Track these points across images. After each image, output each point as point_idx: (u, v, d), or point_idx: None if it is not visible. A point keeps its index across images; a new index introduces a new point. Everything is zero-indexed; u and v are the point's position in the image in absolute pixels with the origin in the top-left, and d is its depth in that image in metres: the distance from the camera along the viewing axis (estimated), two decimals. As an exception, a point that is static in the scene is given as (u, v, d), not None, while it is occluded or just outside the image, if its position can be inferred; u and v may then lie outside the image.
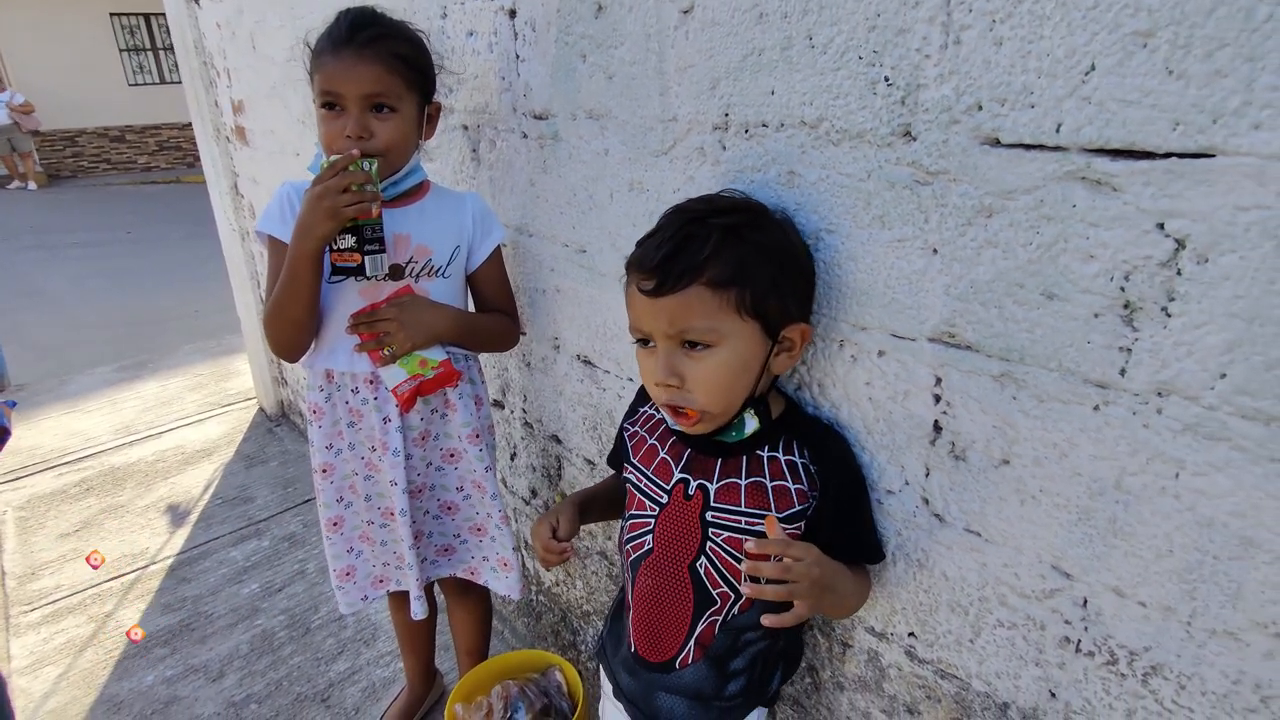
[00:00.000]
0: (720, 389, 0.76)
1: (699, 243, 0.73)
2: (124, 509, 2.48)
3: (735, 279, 0.72)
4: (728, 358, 0.75)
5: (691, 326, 0.74)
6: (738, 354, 0.75)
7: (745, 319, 0.74)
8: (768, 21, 0.79)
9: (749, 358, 0.76)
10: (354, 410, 1.18)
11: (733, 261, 0.72)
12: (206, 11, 2.41)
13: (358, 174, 0.99)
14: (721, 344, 0.74)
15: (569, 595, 1.56)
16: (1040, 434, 0.68)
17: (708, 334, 0.74)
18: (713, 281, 0.72)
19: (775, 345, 0.78)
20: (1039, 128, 0.62)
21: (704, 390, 0.76)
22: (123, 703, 1.71)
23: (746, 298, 0.73)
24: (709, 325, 0.73)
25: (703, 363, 0.75)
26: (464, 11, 1.25)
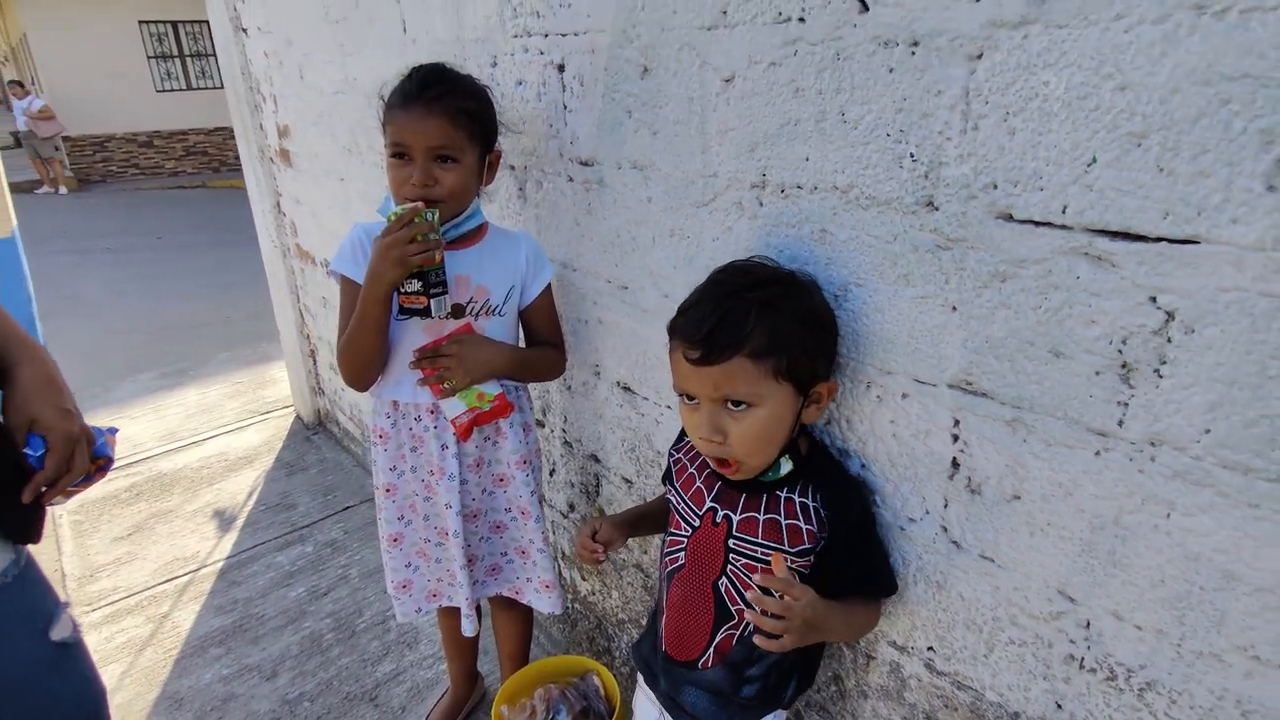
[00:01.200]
0: (759, 443, 0.86)
1: (739, 317, 0.82)
2: (173, 514, 2.61)
3: (772, 349, 0.82)
4: (766, 416, 0.84)
5: (735, 391, 0.83)
6: (774, 412, 0.85)
7: (781, 382, 0.83)
8: (803, 96, 0.88)
9: (784, 414, 0.86)
10: (416, 437, 1.28)
11: (770, 333, 0.82)
12: (254, 40, 2.53)
13: (422, 225, 1.09)
14: (761, 404, 0.84)
15: (604, 604, 1.66)
16: (1048, 474, 0.77)
17: (749, 397, 0.84)
18: (753, 353, 0.82)
19: (806, 400, 0.87)
20: (1047, 208, 0.70)
21: (744, 445, 0.86)
22: (183, 699, 1.82)
23: (783, 364, 0.83)
24: (750, 390, 0.83)
25: (743, 421, 0.85)
26: (513, 62, 1.34)
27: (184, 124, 13.72)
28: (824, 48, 0.84)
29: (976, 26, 0.71)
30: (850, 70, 0.82)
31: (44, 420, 0.98)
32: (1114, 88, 0.63)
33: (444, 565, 1.38)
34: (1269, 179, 0.57)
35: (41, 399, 0.99)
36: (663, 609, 1.06)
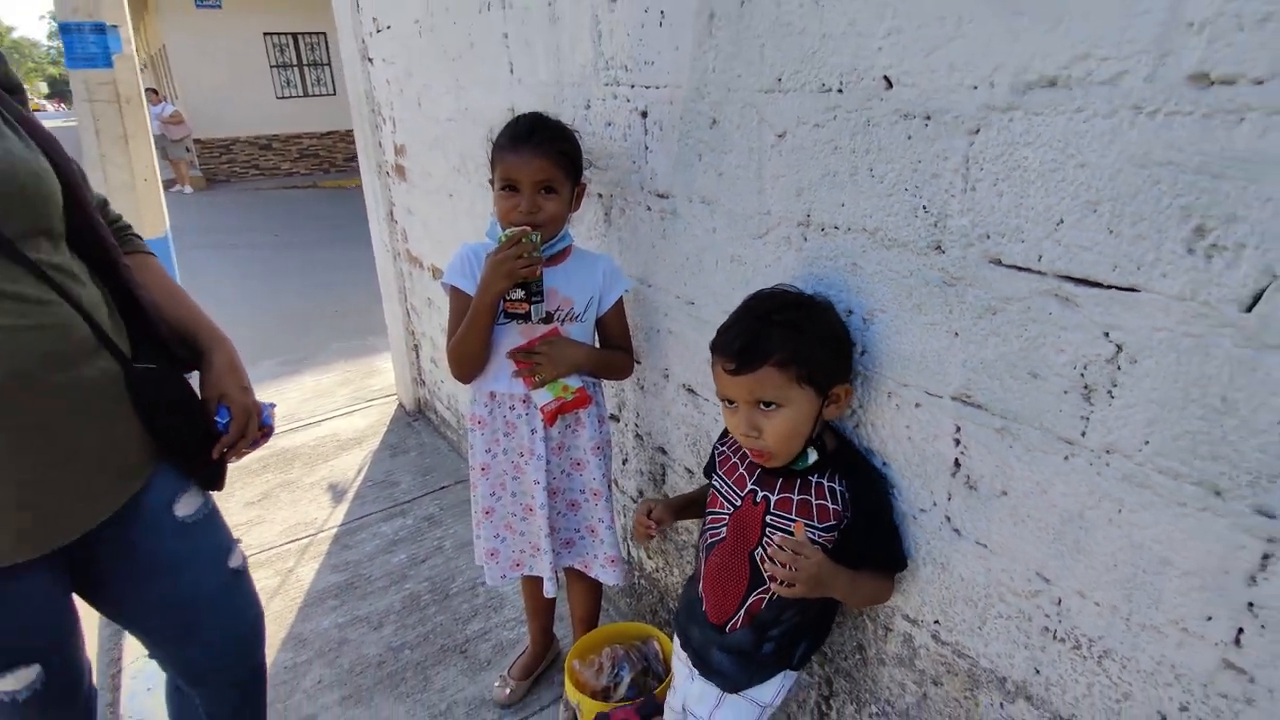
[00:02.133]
0: (786, 437, 1.05)
1: (765, 335, 1.02)
2: (294, 484, 2.97)
3: (794, 360, 1.01)
4: (791, 414, 1.03)
5: (765, 394, 1.03)
6: (799, 411, 1.04)
7: (803, 386, 1.02)
8: (840, 153, 1.06)
9: (807, 412, 1.04)
10: (509, 423, 1.52)
11: (791, 347, 1.01)
12: (378, 69, 2.86)
13: (528, 245, 1.32)
14: (787, 405, 1.03)
15: (667, 580, 1.86)
16: (1028, 474, 0.93)
17: (777, 398, 1.03)
18: (778, 363, 1.01)
19: (826, 400, 1.05)
20: (1027, 256, 0.86)
21: (775, 438, 1.05)
22: (306, 640, 2.13)
23: (804, 371, 1.02)
24: (777, 393, 1.03)
25: (773, 419, 1.04)
26: (604, 107, 1.56)
27: (299, 128, 14.73)
28: (857, 115, 1.02)
29: (974, 108, 0.88)
30: (877, 135, 1.00)
31: (229, 396, 1.26)
32: (1075, 165, 0.79)
33: (527, 537, 1.61)
34: (1188, 244, 0.72)
35: (228, 379, 1.27)
36: (699, 578, 1.25)
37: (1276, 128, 0.64)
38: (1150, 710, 0.87)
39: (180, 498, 1.22)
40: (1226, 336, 0.71)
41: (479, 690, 1.92)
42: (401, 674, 1.99)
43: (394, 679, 1.97)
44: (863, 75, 1.00)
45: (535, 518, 1.55)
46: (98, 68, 3.45)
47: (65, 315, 1.01)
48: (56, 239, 1.06)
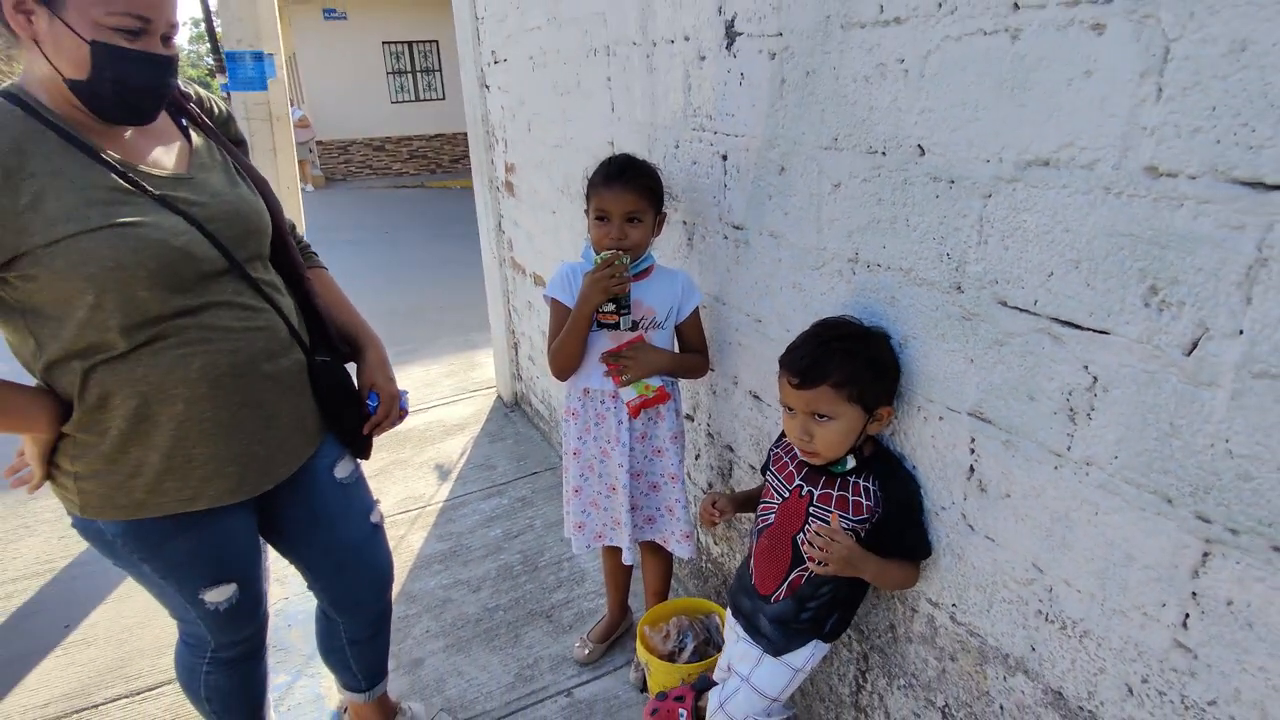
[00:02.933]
0: (834, 445, 1.27)
1: (826, 359, 1.23)
2: (406, 463, 3.35)
3: (848, 381, 1.22)
4: (840, 426, 1.25)
5: (819, 408, 1.24)
6: (846, 424, 1.25)
7: (852, 404, 1.23)
8: (883, 204, 1.27)
9: (854, 426, 1.25)
10: (600, 415, 1.78)
11: (846, 371, 1.22)
12: (495, 96, 3.19)
13: (619, 266, 1.58)
14: (837, 419, 1.24)
15: (730, 564, 2.09)
16: (1026, 480, 1.11)
17: (829, 412, 1.24)
18: (834, 384, 1.22)
19: (870, 418, 1.26)
20: (1026, 300, 1.05)
21: (824, 445, 1.26)
22: (415, 597, 2.47)
23: (855, 392, 1.23)
24: (830, 409, 1.24)
25: (824, 428, 1.25)
26: (691, 148, 1.81)
27: (410, 131, 15.63)
28: (897, 174, 1.23)
29: (987, 178, 1.07)
30: (912, 192, 1.20)
31: (379, 384, 1.57)
32: (1062, 229, 0.98)
33: (610, 513, 1.87)
34: (1144, 298, 0.90)
35: (378, 372, 1.58)
36: (750, 556, 1.48)
37: (1206, 213, 0.82)
38: (1119, 682, 1.04)
39: (339, 462, 1.54)
40: (1173, 374, 0.89)
41: (561, 649, 2.20)
42: (495, 630, 2.29)
43: (489, 634, 2.28)
44: (901, 143, 1.20)
45: (618, 496, 1.82)
46: (255, 90, 3.95)
47: (273, 319, 1.34)
48: (265, 260, 1.39)
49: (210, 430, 1.27)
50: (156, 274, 1.16)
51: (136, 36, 1.12)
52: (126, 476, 1.25)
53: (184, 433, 1.25)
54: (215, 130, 1.38)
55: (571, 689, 2.07)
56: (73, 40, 1.08)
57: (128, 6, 1.09)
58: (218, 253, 1.25)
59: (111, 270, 1.12)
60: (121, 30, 1.10)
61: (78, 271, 1.11)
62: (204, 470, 1.29)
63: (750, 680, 1.44)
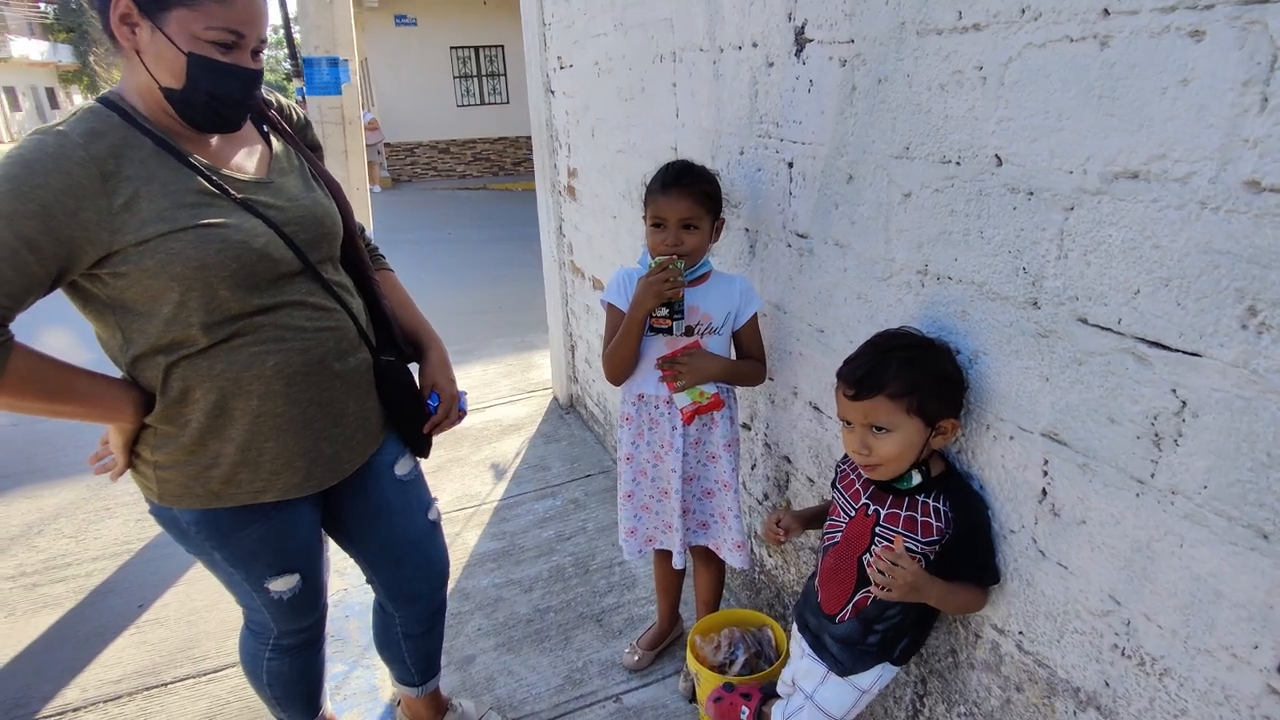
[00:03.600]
0: (893, 459, 1.23)
1: (883, 369, 1.20)
2: (462, 461, 3.40)
3: (905, 392, 1.18)
4: (899, 439, 1.21)
5: (877, 420, 1.21)
6: (906, 437, 1.21)
7: (911, 416, 1.19)
8: (955, 216, 1.23)
9: (914, 439, 1.21)
10: (654, 420, 1.78)
11: (905, 381, 1.18)
12: (559, 100, 3.23)
13: (674, 271, 1.58)
14: (896, 431, 1.21)
15: (784, 577, 2.06)
16: (1104, 507, 1.06)
17: (887, 424, 1.21)
18: (891, 394, 1.19)
19: (933, 431, 1.22)
20: (1108, 319, 1.00)
21: (883, 457, 1.23)
22: (469, 594, 2.50)
23: (913, 403, 1.19)
24: (888, 420, 1.20)
25: (883, 441, 1.22)
26: (755, 154, 1.79)
27: (474, 134, 15.93)
28: (971, 185, 1.19)
29: (1070, 190, 1.03)
30: (988, 204, 1.16)
31: (440, 385, 1.59)
32: (1151, 245, 0.93)
33: (661, 517, 1.87)
34: (1241, 320, 0.85)
35: (440, 373, 1.61)
36: (816, 574, 1.45)
37: (1315, 232, 0.77)
38: (1202, 725, 0.98)
39: (400, 460, 1.57)
40: (1272, 401, 0.84)
41: (611, 654, 2.20)
42: (546, 632, 2.30)
43: (540, 635, 2.29)
44: (977, 153, 1.16)
45: (670, 500, 1.81)
46: (330, 95, 4.08)
47: (343, 319, 1.37)
48: (336, 262, 1.43)
49: (282, 425, 1.31)
50: (237, 274, 1.20)
51: (229, 50, 1.16)
52: (204, 468, 1.29)
53: (258, 427, 1.29)
54: (294, 136, 1.42)
55: (620, 695, 2.06)
56: (172, 52, 1.13)
57: (226, 21, 1.14)
58: (293, 254, 1.29)
59: (196, 269, 1.17)
60: (217, 44, 1.15)
61: (165, 270, 1.16)
62: (274, 464, 1.33)
63: (815, 698, 1.41)
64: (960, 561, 1.27)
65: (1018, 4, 1.05)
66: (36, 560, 2.95)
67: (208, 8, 1.12)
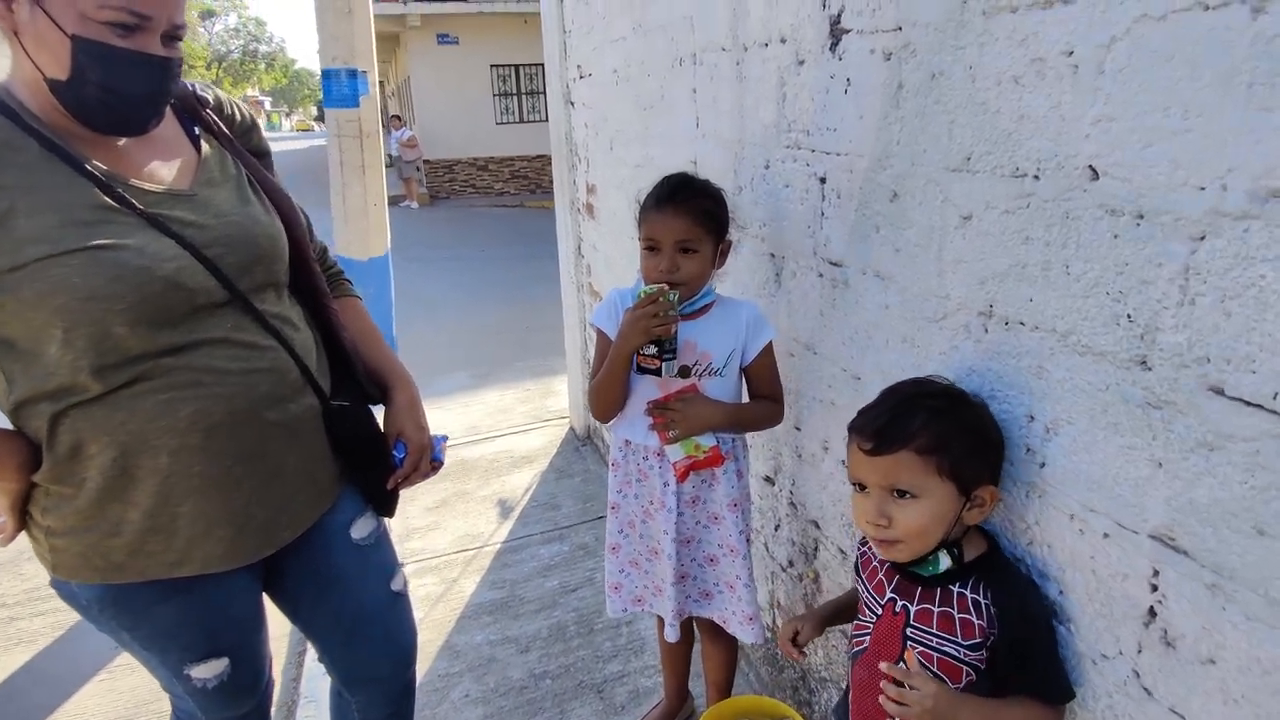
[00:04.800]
0: (918, 532, 0.97)
1: (909, 416, 0.96)
2: (468, 496, 3.18)
3: (937, 448, 0.93)
4: (927, 508, 0.96)
5: (900, 481, 0.96)
6: (936, 506, 0.96)
7: (944, 480, 0.94)
8: (1031, 244, 0.96)
9: (944, 509, 0.96)
10: (642, 471, 1.53)
11: (936, 434, 0.94)
12: (579, 112, 3.01)
13: (664, 303, 1.33)
14: (923, 496, 0.95)
15: (811, 659, 1.77)
16: (1245, 647, 0.77)
17: (912, 487, 0.95)
18: (919, 448, 0.94)
19: (968, 502, 0.96)
20: (1258, 391, 0.72)
21: (906, 530, 0.97)
22: (459, 652, 2.26)
23: (946, 463, 0.94)
24: (914, 481, 0.95)
25: (907, 509, 0.96)
26: (783, 168, 1.53)
27: (512, 151, 15.93)
28: (1054, 205, 0.92)
29: (1200, 212, 0.75)
30: (1077, 229, 0.89)
31: (407, 433, 1.36)
32: (1331, 293, 0.65)
33: (651, 577, 1.61)
34: None
35: (407, 418, 1.37)
36: (849, 685, 1.17)
37: None
38: None
39: (357, 520, 1.34)
40: None
41: (611, 734, 1.94)
42: (540, 703, 2.05)
43: (533, 706, 2.04)
44: (1063, 163, 0.89)
45: (661, 562, 1.55)
46: (348, 107, 3.93)
47: (281, 359, 1.15)
48: (280, 289, 1.21)
49: (200, 486, 1.09)
50: (136, 306, 0.99)
51: (130, 33, 0.95)
52: (104, 535, 1.08)
53: (169, 489, 1.07)
54: (232, 140, 1.21)
55: (619, 786, 1.79)
56: (55, 34, 0.93)
57: (126, 1, 0.93)
58: (216, 282, 1.07)
59: (84, 301, 0.96)
60: (114, 25, 0.94)
61: (46, 302, 0.95)
62: (191, 531, 1.10)
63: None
64: (1010, 671, 0.98)
65: (1127, -36, 0.79)
66: (19, 590, 2.80)
67: None
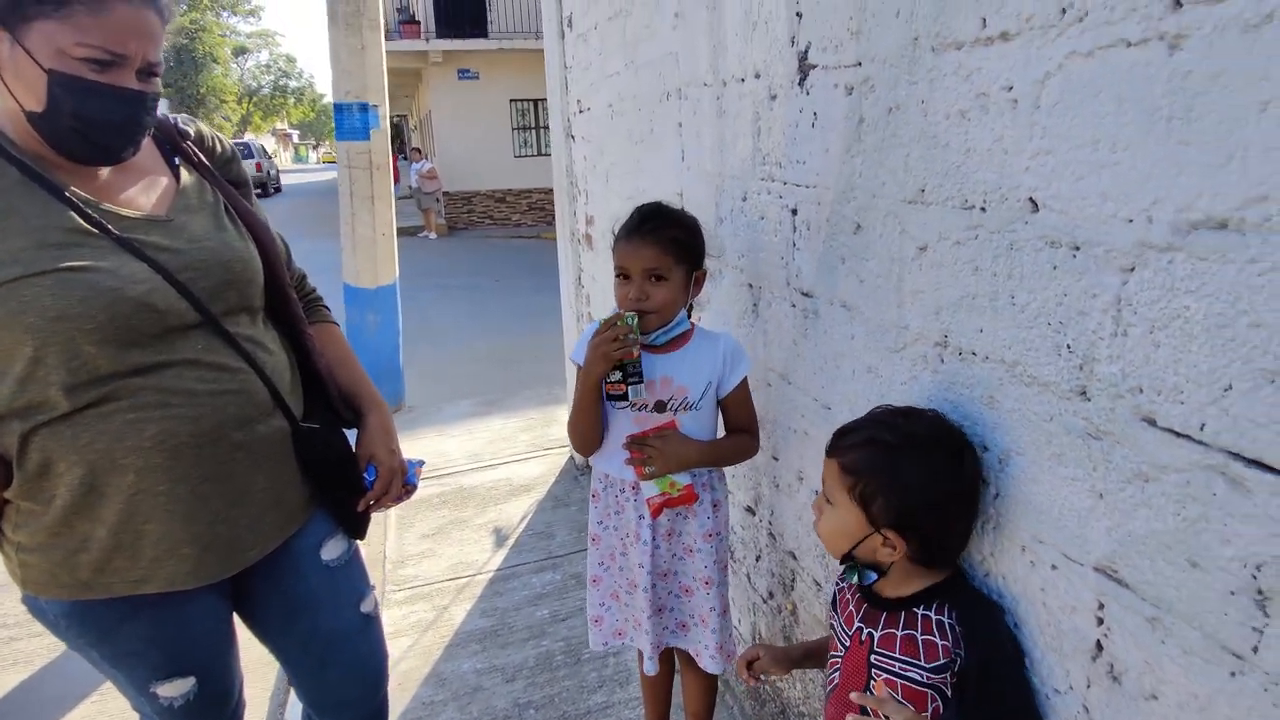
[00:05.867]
0: (824, 534, 1.06)
1: (854, 433, 1.01)
2: (466, 523, 3.18)
3: (854, 472, 0.98)
4: (837, 518, 1.02)
5: (825, 484, 1.03)
6: (841, 521, 1.01)
7: (853, 503, 0.98)
8: (981, 275, 0.97)
9: (850, 528, 1.00)
10: (619, 504, 1.53)
11: (859, 461, 0.98)
12: (578, 146, 3.07)
13: (623, 327, 1.34)
14: (836, 507, 1.01)
15: (789, 693, 1.75)
16: (1183, 682, 0.76)
17: (830, 494, 1.02)
18: (843, 465, 0.99)
19: (881, 538, 0.98)
20: (1186, 422, 0.72)
21: (820, 528, 1.05)
22: (445, 680, 2.25)
23: (856, 490, 0.97)
24: (832, 490, 1.02)
25: (826, 511, 1.04)
26: (759, 200, 1.55)
27: (530, 184, 16.15)
28: (1000, 236, 0.93)
29: (1128, 244, 0.76)
30: (1020, 260, 0.90)
31: (378, 456, 1.38)
32: (1248, 323, 0.66)
33: (631, 610, 1.60)
34: (1396, 442, 0.56)
35: (379, 442, 1.39)
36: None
37: None
38: None
39: (327, 542, 1.35)
40: None
41: (592, 767, 1.91)
42: (523, 734, 2.03)
43: (515, 737, 2.02)
44: (1007, 195, 0.90)
45: (638, 595, 1.55)
46: (359, 140, 4.04)
47: (250, 381, 1.18)
48: (254, 313, 1.24)
49: (166, 505, 1.11)
50: (105, 326, 1.02)
51: (105, 68, 1.00)
52: (71, 552, 1.10)
53: (134, 507, 1.09)
54: (211, 169, 1.25)
55: (596, 820, 1.77)
56: (32, 70, 0.97)
57: (101, 39, 0.98)
58: (187, 304, 1.11)
59: (54, 320, 0.99)
60: (90, 61, 0.98)
61: (17, 320, 0.98)
62: (156, 550, 1.12)
63: None
64: (984, 698, 0.96)
65: (1057, 2, 0.81)
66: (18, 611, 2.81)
67: (77, 19, 0.96)
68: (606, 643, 1.66)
